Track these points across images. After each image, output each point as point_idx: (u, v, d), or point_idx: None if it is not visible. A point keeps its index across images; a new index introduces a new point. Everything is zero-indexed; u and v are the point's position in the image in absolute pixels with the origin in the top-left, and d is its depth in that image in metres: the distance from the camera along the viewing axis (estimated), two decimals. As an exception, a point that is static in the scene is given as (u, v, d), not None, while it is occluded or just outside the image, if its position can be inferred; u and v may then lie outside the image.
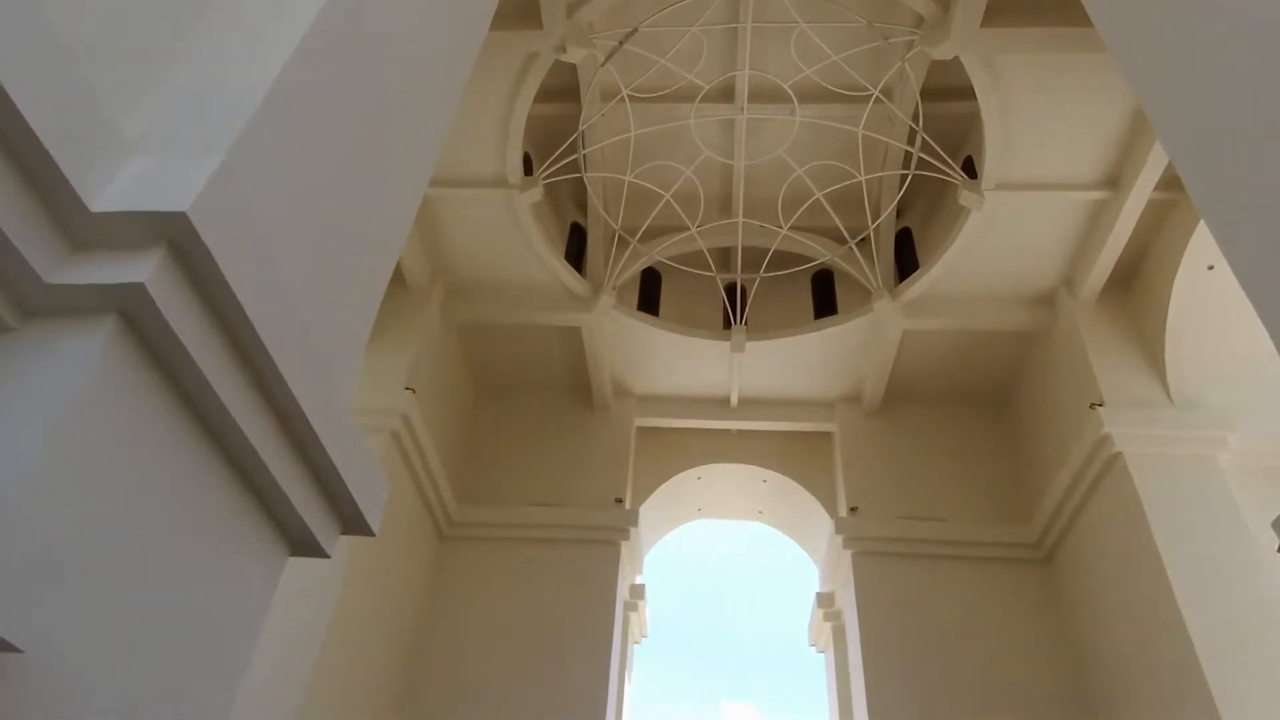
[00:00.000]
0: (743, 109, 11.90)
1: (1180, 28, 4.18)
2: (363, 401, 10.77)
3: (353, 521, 3.06)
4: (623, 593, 12.42)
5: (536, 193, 11.24)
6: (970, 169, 11.46)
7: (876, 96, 10.94)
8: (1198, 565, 8.95)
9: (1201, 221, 9.91)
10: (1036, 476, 12.05)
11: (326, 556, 2.94)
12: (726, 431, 14.33)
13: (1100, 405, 10.27)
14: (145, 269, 2.27)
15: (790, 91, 11.20)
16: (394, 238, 3.96)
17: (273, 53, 2.92)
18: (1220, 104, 4.00)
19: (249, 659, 2.63)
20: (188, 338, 2.40)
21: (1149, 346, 10.86)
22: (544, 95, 11.66)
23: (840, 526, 12.23)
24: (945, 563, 11.83)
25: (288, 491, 2.69)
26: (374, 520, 3.12)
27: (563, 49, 9.49)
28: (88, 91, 2.41)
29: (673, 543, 16.06)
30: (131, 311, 2.33)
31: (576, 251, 13.13)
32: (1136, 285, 11.34)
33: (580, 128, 11.20)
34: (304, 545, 2.90)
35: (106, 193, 2.33)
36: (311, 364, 2.86)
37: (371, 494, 3.11)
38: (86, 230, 2.31)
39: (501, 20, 9.36)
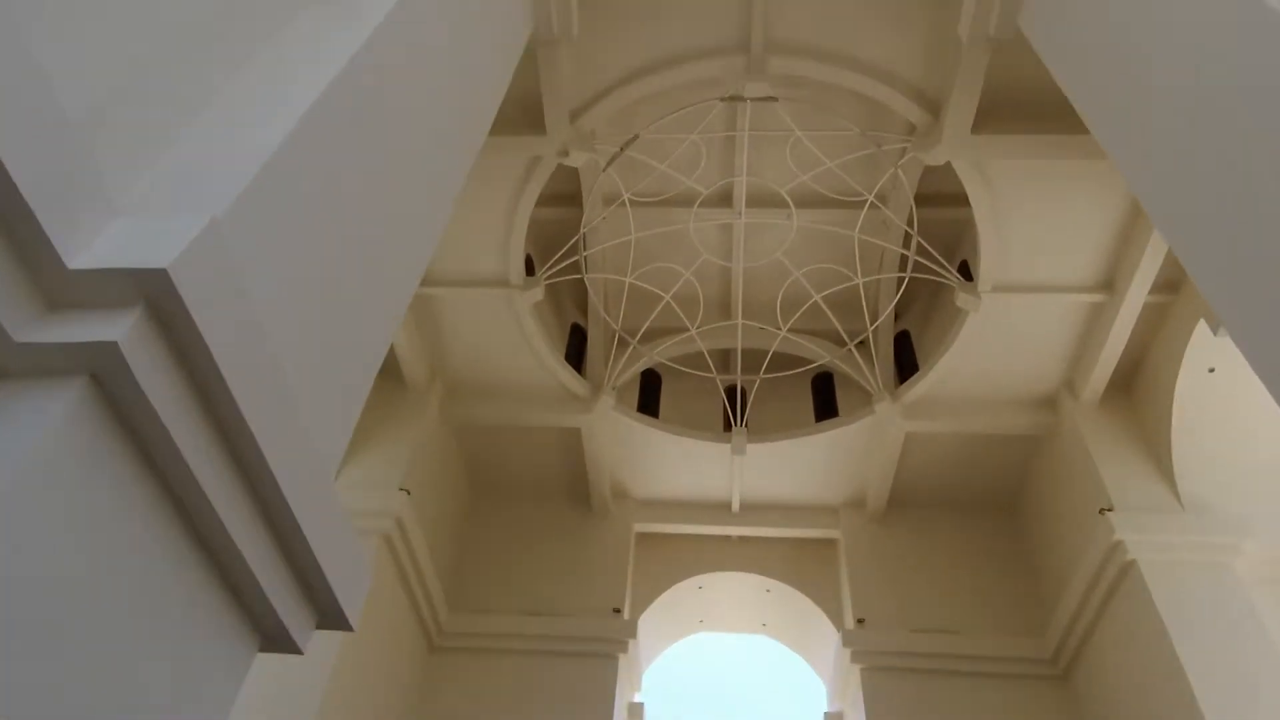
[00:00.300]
0: (741, 213, 12.13)
1: (1171, 126, 4.25)
2: (355, 503, 10.51)
3: (330, 615, 2.85)
4: (620, 712, 11.78)
5: (538, 293, 11.33)
6: (966, 273, 11.58)
7: (871, 202, 11.17)
8: (1222, 679, 8.51)
9: (1200, 324, 9.94)
10: (1049, 586, 11.64)
11: (299, 652, 2.73)
12: (728, 538, 13.96)
13: (1109, 510, 10.02)
14: (120, 328, 2.18)
15: (787, 197, 11.44)
16: (390, 317, 3.90)
17: (276, 125, 2.92)
18: (1219, 196, 4.02)
19: None
20: (161, 403, 2.29)
21: (1155, 450, 10.69)
22: (547, 200, 11.93)
23: (847, 639, 11.72)
24: (959, 679, 11.26)
25: (260, 578, 2.50)
26: (353, 614, 2.92)
27: (565, 153, 9.74)
28: (82, 155, 2.38)
29: (673, 659, 15.34)
30: (103, 373, 2.22)
31: (576, 352, 13.14)
32: (1138, 388, 11.27)
33: (582, 230, 11.38)
34: (275, 639, 2.69)
35: (87, 251, 2.27)
36: (295, 440, 2.72)
37: (352, 586, 2.91)
38: (63, 288, 2.24)
39: (506, 125, 9.65)
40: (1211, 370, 10.14)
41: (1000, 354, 11.45)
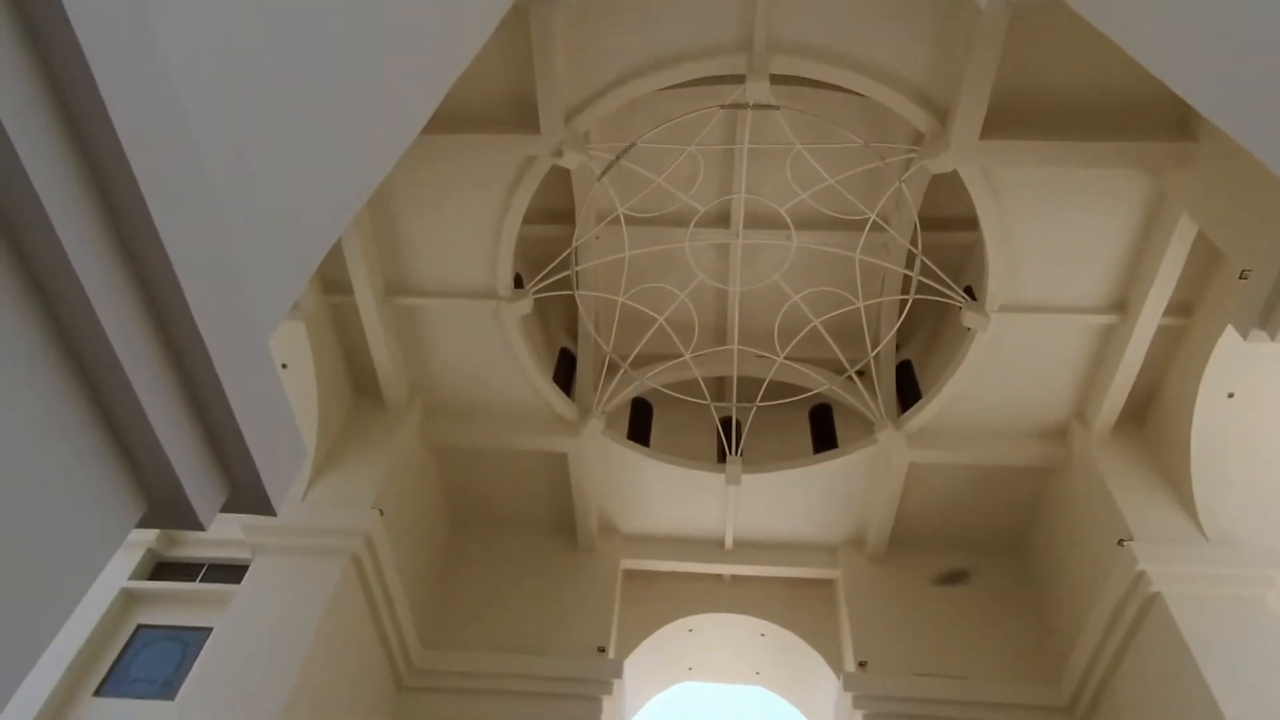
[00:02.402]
0: (738, 234, 11.76)
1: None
2: (321, 521, 9.82)
3: (246, 493, 2.23)
4: (603, 759, 10.85)
5: (526, 305, 10.82)
6: (971, 298, 11.17)
7: (874, 221, 10.81)
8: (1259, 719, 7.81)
9: (1217, 347, 9.51)
10: (1062, 626, 10.93)
11: (201, 528, 2.11)
12: (720, 577, 13.20)
13: (1130, 541, 9.42)
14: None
15: (786, 217, 11.07)
16: (368, 176, 3.28)
17: None
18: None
19: (48, 636, 1.76)
20: (31, 157, 1.71)
21: (1174, 480, 10.14)
22: (537, 215, 11.54)
23: (849, 683, 10.92)
24: (968, 727, 10.45)
25: (154, 424, 1.90)
26: (277, 495, 2.30)
27: (560, 153, 9.35)
28: None
29: (659, 708, 14.39)
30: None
31: (565, 378, 12.58)
32: (1152, 416, 10.77)
33: (574, 243, 10.94)
34: (168, 508, 2.06)
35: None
36: (219, 270, 2.12)
37: (277, 461, 2.30)
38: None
39: (498, 123, 9.30)
40: (1231, 395, 9.66)
41: (1008, 380, 10.96)
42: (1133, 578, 9.16)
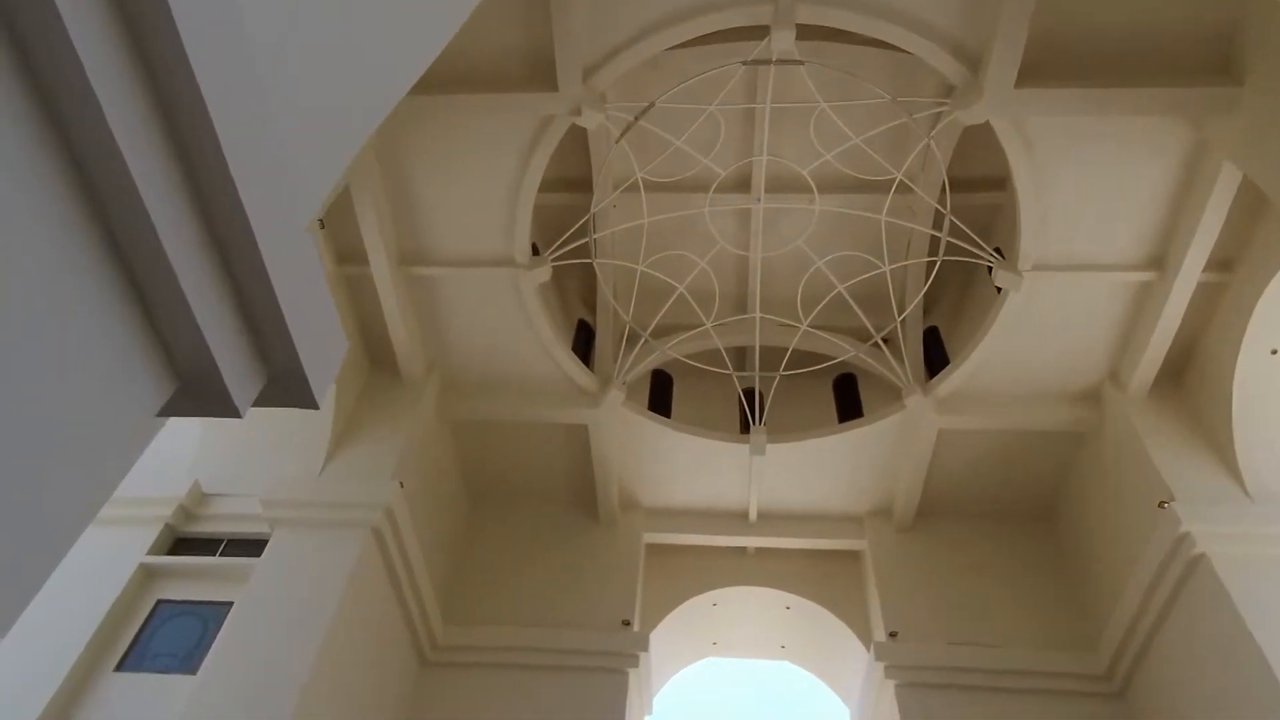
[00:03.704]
0: (759, 199, 11.47)
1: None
2: (340, 495, 9.63)
3: (286, 381, 1.99)
4: (630, 733, 10.68)
5: (545, 272, 10.56)
6: (1001, 259, 10.86)
7: (900, 181, 10.50)
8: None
9: (1260, 303, 9.21)
10: (1098, 592, 10.68)
11: (237, 414, 1.88)
12: (744, 550, 12.98)
13: (1171, 502, 9.14)
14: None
15: (809, 179, 10.76)
16: (415, 61, 3.03)
17: None
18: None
19: (80, 526, 1.54)
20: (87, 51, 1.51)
21: (1214, 440, 9.85)
22: (553, 184, 11.27)
23: (880, 653, 10.69)
24: (1002, 696, 10.22)
25: (186, 290, 1.66)
26: (320, 386, 2.07)
27: (578, 112, 9.07)
28: None
29: (683, 683, 14.20)
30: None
31: (583, 351, 12.32)
32: (1190, 376, 10.47)
33: (592, 209, 10.67)
34: (200, 388, 1.83)
35: None
36: (266, 145, 1.90)
37: (321, 345, 2.06)
38: None
39: (514, 82, 9.03)
40: (1275, 352, 9.37)
41: (1040, 342, 10.67)
42: (1175, 540, 8.89)
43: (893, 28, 8.62)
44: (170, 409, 1.78)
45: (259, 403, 2.01)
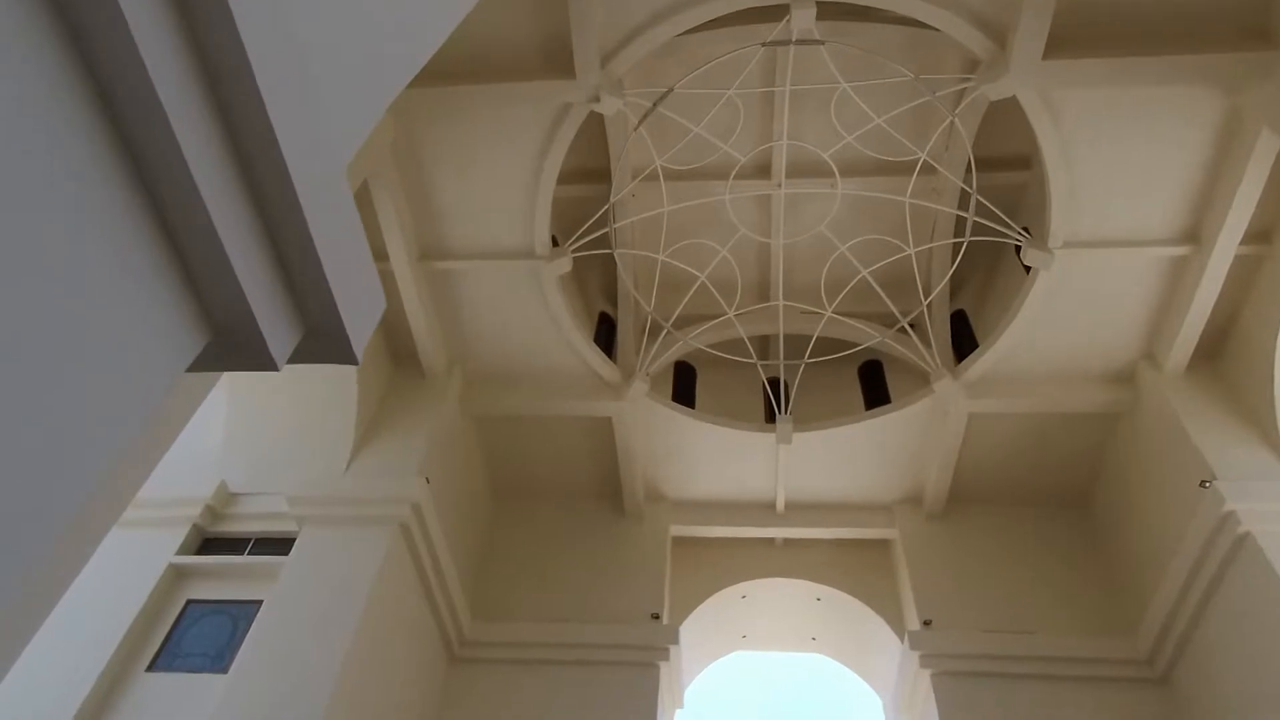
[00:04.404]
0: (780, 184, 11.33)
1: None
2: (367, 491, 9.58)
3: (325, 335, 1.90)
4: (664, 725, 10.57)
5: (565, 263, 10.47)
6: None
7: (924, 161, 10.32)
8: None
9: (1300, 274, 8.97)
10: (1137, 576, 10.44)
11: (274, 367, 1.78)
12: (772, 542, 12.82)
13: (1213, 481, 8.91)
14: None
15: (831, 162, 10.60)
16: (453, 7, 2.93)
17: None
18: None
19: (98, 469, 1.44)
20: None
21: (1255, 417, 9.60)
22: (571, 176, 11.18)
23: (914, 642, 10.51)
24: (1041, 684, 10.00)
25: (222, 236, 1.57)
26: (359, 340, 1.98)
27: (597, 98, 8.97)
28: None
29: (713, 677, 14.07)
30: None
31: (605, 344, 12.21)
32: (1228, 352, 10.21)
33: (612, 199, 10.56)
34: (235, 339, 1.73)
35: None
36: (303, 89, 1.81)
37: (360, 299, 1.97)
38: None
39: (529, 71, 8.94)
40: (1316, 324, 9.11)
41: (1072, 322, 10.44)
42: (1219, 519, 8.66)
43: (916, 1, 8.45)
44: (204, 362, 1.69)
45: (295, 358, 1.92)
